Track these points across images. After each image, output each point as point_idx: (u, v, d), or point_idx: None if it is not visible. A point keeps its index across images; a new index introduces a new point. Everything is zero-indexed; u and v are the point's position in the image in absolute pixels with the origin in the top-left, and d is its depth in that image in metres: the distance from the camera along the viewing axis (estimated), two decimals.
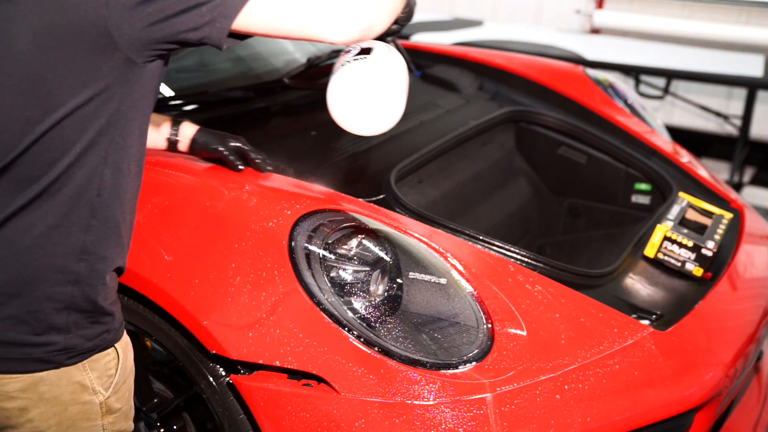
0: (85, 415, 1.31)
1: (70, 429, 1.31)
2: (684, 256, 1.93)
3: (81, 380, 1.29)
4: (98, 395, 1.32)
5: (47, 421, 1.28)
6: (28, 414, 1.26)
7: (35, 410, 1.27)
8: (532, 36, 4.67)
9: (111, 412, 1.35)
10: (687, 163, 2.48)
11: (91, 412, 1.32)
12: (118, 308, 1.34)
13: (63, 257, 1.22)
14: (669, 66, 4.34)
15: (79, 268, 1.23)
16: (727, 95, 5.01)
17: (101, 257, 1.26)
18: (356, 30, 1.24)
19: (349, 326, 1.50)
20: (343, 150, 2.13)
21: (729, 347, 1.77)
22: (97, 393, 1.31)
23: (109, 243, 1.27)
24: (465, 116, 2.49)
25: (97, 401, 1.31)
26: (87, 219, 1.22)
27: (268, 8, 1.18)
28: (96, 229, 1.24)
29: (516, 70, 2.80)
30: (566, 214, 2.59)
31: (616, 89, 2.76)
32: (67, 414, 1.29)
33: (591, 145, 2.51)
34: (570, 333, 1.61)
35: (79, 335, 1.26)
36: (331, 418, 1.48)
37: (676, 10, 5.03)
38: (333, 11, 1.21)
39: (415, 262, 1.63)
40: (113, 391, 1.34)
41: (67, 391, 1.28)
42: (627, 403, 1.56)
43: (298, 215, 1.62)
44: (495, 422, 1.46)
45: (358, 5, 1.23)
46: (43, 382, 1.26)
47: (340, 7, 1.22)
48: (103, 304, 1.28)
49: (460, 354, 1.53)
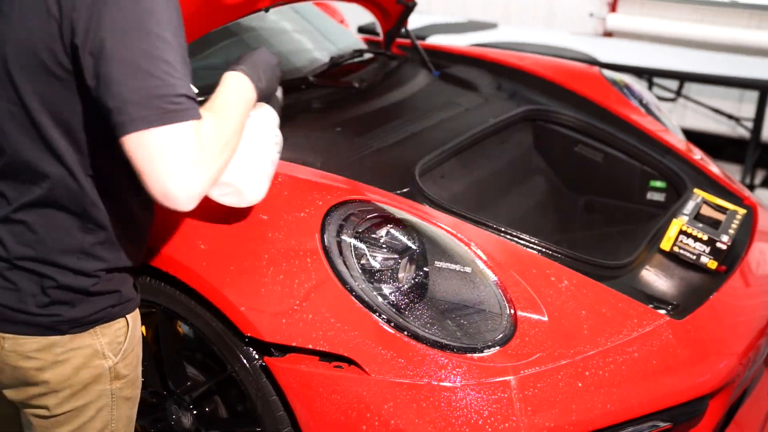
0: (95, 378, 1.41)
1: (82, 392, 1.40)
2: (699, 250, 1.99)
3: (92, 344, 1.39)
4: (108, 360, 1.41)
5: (61, 384, 1.37)
6: (44, 374, 1.36)
7: (50, 371, 1.36)
8: (545, 39, 4.73)
9: (119, 377, 1.44)
10: (700, 160, 2.54)
11: (101, 376, 1.41)
12: (126, 285, 1.43)
13: (63, 253, 1.32)
14: (681, 69, 4.39)
15: (80, 263, 1.33)
16: (739, 98, 5.06)
17: (98, 257, 1.35)
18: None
19: (379, 311, 1.57)
20: (368, 145, 2.20)
21: (742, 338, 1.82)
22: (107, 358, 1.41)
23: (110, 246, 1.36)
24: (484, 114, 2.55)
25: (106, 366, 1.41)
26: (83, 221, 1.32)
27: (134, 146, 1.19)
28: (93, 231, 1.33)
29: (533, 70, 2.86)
30: (582, 210, 2.64)
31: (631, 89, 2.82)
32: (79, 377, 1.39)
33: (607, 144, 2.57)
34: (590, 321, 1.68)
35: (82, 309, 1.36)
36: (361, 399, 1.54)
37: (688, 14, 5.09)
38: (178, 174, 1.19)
39: (440, 251, 1.70)
40: (122, 357, 1.43)
41: (79, 355, 1.37)
42: (644, 388, 1.62)
43: (330, 205, 1.69)
44: (518, 405, 1.53)
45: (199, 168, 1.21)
46: (56, 345, 1.35)
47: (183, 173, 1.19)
48: (106, 287, 1.38)
49: (484, 339, 1.60)
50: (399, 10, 2.98)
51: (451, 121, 2.47)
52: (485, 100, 2.71)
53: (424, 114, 2.51)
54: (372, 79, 2.71)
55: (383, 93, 2.63)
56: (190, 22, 2.10)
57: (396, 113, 2.51)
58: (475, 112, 2.58)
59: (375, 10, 2.97)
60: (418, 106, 2.59)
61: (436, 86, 2.80)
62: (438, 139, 2.32)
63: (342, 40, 3.03)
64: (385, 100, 2.59)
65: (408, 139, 2.30)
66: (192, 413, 1.85)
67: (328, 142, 2.21)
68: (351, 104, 2.50)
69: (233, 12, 2.23)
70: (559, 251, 1.86)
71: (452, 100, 2.65)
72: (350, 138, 2.25)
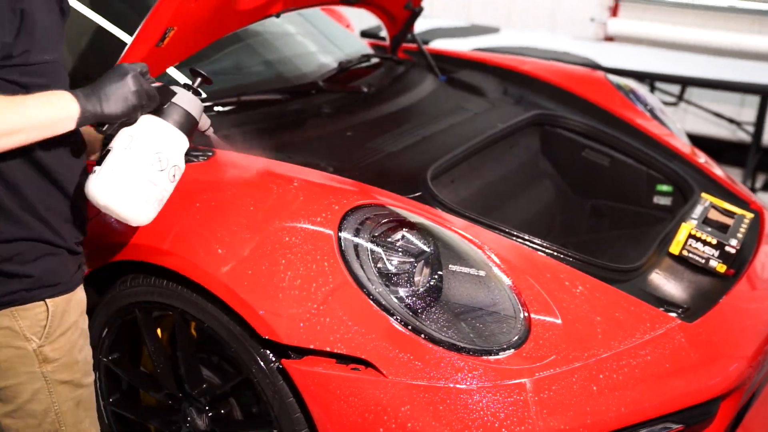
0: (20, 359, 1.47)
1: (10, 371, 1.47)
2: (708, 253, 2.01)
3: (10, 326, 1.45)
4: (31, 342, 1.47)
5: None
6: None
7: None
8: (548, 43, 4.76)
9: (48, 361, 1.49)
10: (705, 164, 2.57)
11: (26, 357, 1.47)
12: (41, 269, 1.45)
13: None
14: (683, 73, 4.42)
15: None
16: (740, 102, 5.10)
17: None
18: None
19: (396, 314, 1.59)
20: (379, 150, 2.22)
21: (751, 341, 1.85)
22: (29, 340, 1.47)
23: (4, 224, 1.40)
24: (492, 119, 2.58)
25: (30, 348, 1.47)
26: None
27: None
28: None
29: (539, 75, 2.89)
30: (589, 214, 2.67)
31: (636, 94, 2.85)
32: (1, 355, 1.45)
33: (614, 148, 2.60)
34: (603, 324, 1.70)
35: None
36: (379, 401, 1.56)
37: (690, 19, 5.12)
38: None
39: (455, 255, 1.72)
40: (47, 340, 1.48)
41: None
42: (657, 390, 1.64)
43: (345, 210, 1.71)
44: (534, 407, 1.55)
45: None
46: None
47: None
48: (14, 269, 1.42)
49: (499, 342, 1.62)
50: (406, 15, 3.01)
51: (460, 126, 2.50)
52: (492, 105, 2.74)
53: (434, 119, 2.53)
54: (380, 84, 2.73)
55: (392, 98, 2.65)
56: (205, 27, 2.13)
57: (405, 118, 2.53)
58: (483, 117, 2.60)
59: (382, 14, 3.00)
60: (427, 111, 2.61)
61: (444, 91, 2.83)
62: (448, 143, 2.34)
63: (349, 44, 3.05)
64: (393, 105, 2.61)
65: (418, 143, 2.32)
66: (207, 415, 1.87)
67: (339, 147, 2.23)
68: (360, 109, 2.52)
69: (246, 17, 2.26)
70: (570, 255, 1.88)
71: (460, 105, 2.68)
72: (361, 143, 2.28)
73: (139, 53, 2.01)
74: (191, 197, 1.77)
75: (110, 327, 1.94)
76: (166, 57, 2.08)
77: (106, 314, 1.92)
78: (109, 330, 1.95)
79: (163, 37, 2.01)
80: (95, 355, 1.70)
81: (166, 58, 2.09)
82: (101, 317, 1.93)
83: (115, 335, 1.96)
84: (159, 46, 2.02)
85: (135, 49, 2.00)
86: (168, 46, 2.04)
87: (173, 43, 2.05)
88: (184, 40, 2.08)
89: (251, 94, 2.43)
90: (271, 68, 2.77)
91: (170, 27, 2.00)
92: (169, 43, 2.03)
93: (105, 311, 1.92)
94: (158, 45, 2.02)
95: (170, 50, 2.07)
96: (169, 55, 2.09)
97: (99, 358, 1.99)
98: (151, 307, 1.85)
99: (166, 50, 2.05)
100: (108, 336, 1.96)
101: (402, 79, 2.84)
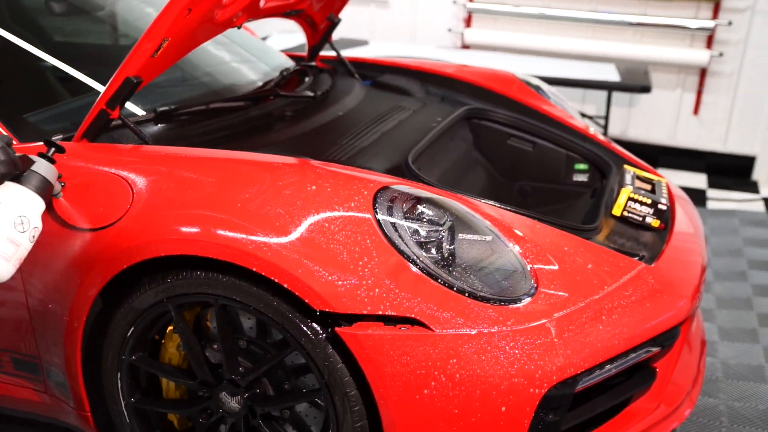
0: None
1: None
2: (644, 212, 2.40)
3: None
4: None
5: None
6: None
7: None
8: (416, 52, 5.15)
9: None
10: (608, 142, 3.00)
11: None
12: None
13: None
14: (532, 73, 4.95)
15: None
16: (582, 99, 5.74)
17: None
18: None
19: (436, 275, 1.82)
20: (352, 146, 2.45)
21: (692, 278, 2.25)
22: None
23: None
24: (431, 115, 2.86)
25: None
26: None
27: None
28: None
29: (457, 75, 3.22)
30: (518, 195, 3.02)
31: (541, 88, 3.25)
32: None
33: (536, 135, 2.97)
34: (593, 270, 2.02)
35: None
36: (428, 356, 1.78)
37: (535, 27, 5.71)
38: None
39: (463, 224, 1.98)
40: None
41: None
42: (640, 321, 1.98)
43: (373, 192, 1.92)
44: (558, 341, 1.83)
45: None
46: None
47: None
48: None
49: (517, 292, 1.89)
50: (327, 26, 3.23)
51: (407, 122, 2.76)
52: (423, 103, 3.02)
53: (381, 117, 2.78)
54: (322, 89, 2.93)
55: (338, 101, 2.87)
56: (191, 37, 2.25)
57: (358, 118, 2.76)
58: (422, 114, 2.88)
59: (306, 25, 3.20)
60: (373, 111, 2.85)
61: (377, 93, 3.08)
62: (406, 137, 2.60)
63: (271, 57, 3.23)
64: (341, 107, 2.83)
65: (380, 139, 2.56)
66: (244, 396, 1.99)
67: (315, 145, 2.42)
68: (316, 112, 2.72)
69: (218, 28, 2.39)
70: (546, 218, 2.19)
71: (398, 105, 2.94)
72: (333, 140, 2.48)
73: (136, 64, 2.11)
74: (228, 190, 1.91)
75: (137, 326, 2.01)
76: (157, 66, 2.19)
77: (133, 314, 1.99)
78: (135, 329, 2.01)
79: (158, 48, 2.12)
80: (118, 355, 1.77)
81: (157, 67, 2.19)
82: (128, 317, 2.00)
83: (140, 334, 2.03)
84: (153, 57, 2.13)
85: (133, 60, 2.10)
86: (160, 56, 2.15)
87: (164, 53, 2.16)
88: (174, 50, 2.20)
89: (199, 104, 2.55)
90: (214, 80, 2.90)
91: (166, 38, 2.11)
92: (161, 53, 2.14)
93: (131, 311, 1.99)
94: (153, 56, 2.12)
95: (161, 60, 2.18)
96: (160, 64, 2.19)
97: (122, 358, 2.05)
98: (186, 300, 1.95)
99: (158, 60, 2.16)
100: (133, 335, 2.02)
101: (340, 84, 3.06)
